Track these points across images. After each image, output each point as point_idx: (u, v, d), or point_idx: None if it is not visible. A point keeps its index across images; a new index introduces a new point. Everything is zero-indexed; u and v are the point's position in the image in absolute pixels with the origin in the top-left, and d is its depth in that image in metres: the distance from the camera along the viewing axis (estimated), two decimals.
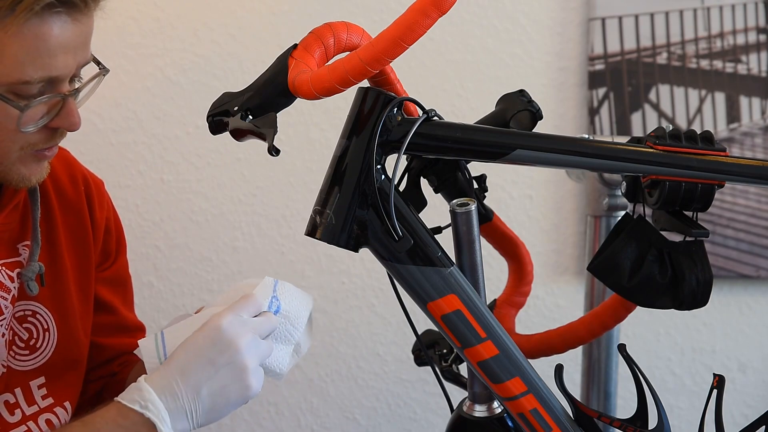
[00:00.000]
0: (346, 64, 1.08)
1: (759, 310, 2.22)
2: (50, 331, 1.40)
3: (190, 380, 1.21)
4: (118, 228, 1.53)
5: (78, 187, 1.46)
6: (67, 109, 1.26)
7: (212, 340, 1.21)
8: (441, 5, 1.03)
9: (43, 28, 1.20)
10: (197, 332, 1.23)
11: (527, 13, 2.12)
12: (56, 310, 1.40)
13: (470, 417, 1.35)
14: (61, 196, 1.44)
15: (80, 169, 1.48)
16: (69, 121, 1.27)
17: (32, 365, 1.38)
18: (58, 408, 1.41)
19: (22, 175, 1.29)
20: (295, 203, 2.12)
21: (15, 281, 1.35)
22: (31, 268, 1.35)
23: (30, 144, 1.27)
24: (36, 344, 1.38)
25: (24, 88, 1.22)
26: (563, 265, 2.17)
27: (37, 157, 1.29)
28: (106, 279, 1.51)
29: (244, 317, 1.24)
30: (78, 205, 1.45)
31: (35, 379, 1.38)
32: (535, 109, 1.29)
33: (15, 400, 1.36)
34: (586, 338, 1.43)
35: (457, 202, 1.26)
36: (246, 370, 1.22)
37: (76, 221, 1.45)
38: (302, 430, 2.18)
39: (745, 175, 1.33)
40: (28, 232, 1.38)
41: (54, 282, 1.40)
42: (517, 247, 1.51)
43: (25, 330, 1.38)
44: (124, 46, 2.06)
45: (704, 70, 2.13)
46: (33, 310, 1.39)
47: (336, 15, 2.07)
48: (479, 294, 1.27)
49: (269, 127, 1.16)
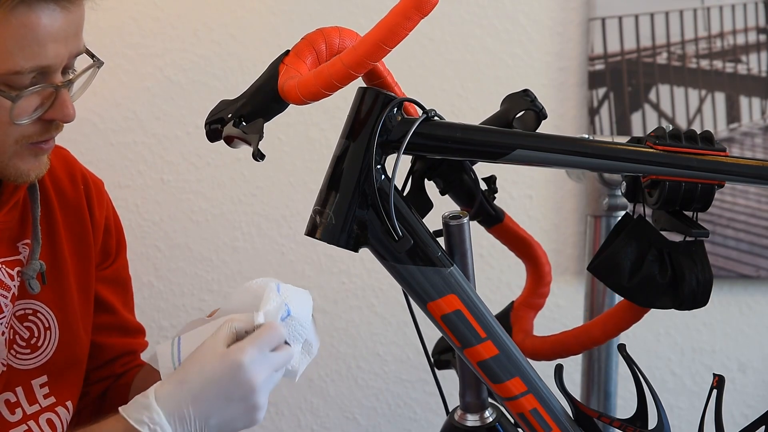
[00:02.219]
0: (330, 69, 1.09)
1: (759, 310, 2.22)
2: (51, 329, 1.40)
3: (202, 409, 1.20)
4: (118, 228, 1.53)
5: (77, 186, 1.46)
6: (60, 101, 1.25)
7: (231, 376, 1.20)
8: (422, 7, 1.03)
9: (30, 17, 1.19)
10: (217, 360, 1.21)
11: (527, 13, 2.12)
12: (57, 309, 1.40)
13: (461, 426, 1.35)
14: (61, 195, 1.43)
15: (80, 168, 1.48)
16: (63, 112, 1.26)
17: (34, 364, 1.38)
18: (60, 407, 1.40)
19: (19, 170, 1.28)
20: (295, 203, 2.12)
21: (15, 279, 1.35)
22: (32, 267, 1.34)
23: (25, 137, 1.26)
24: (37, 343, 1.38)
25: (16, 78, 1.21)
26: (563, 265, 2.17)
27: (34, 152, 1.28)
28: (106, 278, 1.50)
29: (267, 353, 1.23)
30: (77, 204, 1.45)
31: (37, 378, 1.38)
32: (539, 109, 1.28)
33: (16, 399, 1.36)
34: (600, 339, 1.42)
35: (450, 214, 1.26)
36: (257, 408, 1.22)
37: (75, 220, 1.44)
38: (302, 430, 2.18)
39: (745, 175, 1.33)
40: (27, 231, 1.37)
41: (55, 280, 1.40)
42: (532, 248, 1.51)
43: (26, 329, 1.38)
44: (124, 46, 2.06)
45: (704, 70, 2.13)
46: (34, 308, 1.38)
47: (336, 15, 2.07)
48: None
49: (255, 132, 1.16)
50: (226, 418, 1.21)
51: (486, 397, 1.36)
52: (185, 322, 2.11)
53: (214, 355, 1.21)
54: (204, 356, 1.22)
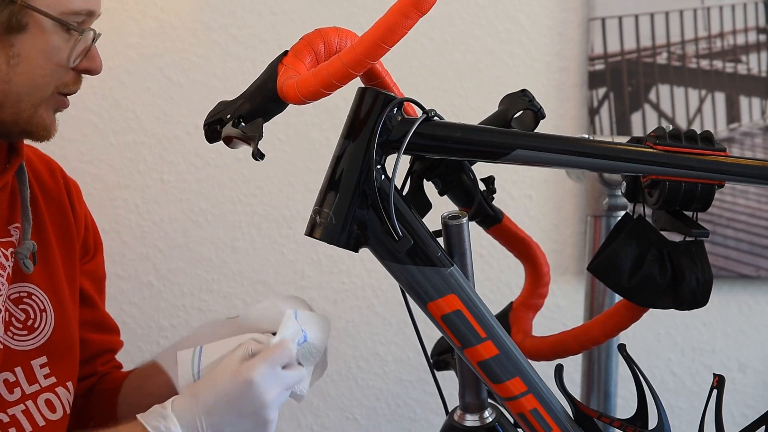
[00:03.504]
0: (329, 68, 1.09)
1: (759, 310, 2.22)
2: (47, 311, 1.43)
3: (214, 422, 1.27)
4: (95, 228, 1.58)
5: (57, 180, 1.51)
6: (94, 51, 1.36)
7: (242, 391, 1.28)
8: (420, 6, 1.03)
9: None
10: (230, 376, 1.28)
11: (527, 13, 2.12)
12: (50, 292, 1.44)
13: (461, 426, 1.35)
14: (42, 186, 1.48)
15: (58, 166, 1.54)
16: (96, 62, 1.37)
17: (32, 345, 1.41)
18: (60, 388, 1.43)
19: (45, 122, 1.36)
20: (295, 203, 2.12)
21: (9, 260, 1.38)
22: (26, 246, 1.39)
23: (63, 84, 1.35)
24: (34, 324, 1.41)
25: (72, 17, 1.32)
26: (563, 265, 2.17)
27: (57, 105, 1.37)
28: (88, 273, 1.54)
29: (278, 370, 1.29)
30: (59, 196, 1.50)
31: (37, 359, 1.41)
32: (537, 109, 1.28)
33: (15, 379, 1.38)
34: (600, 339, 1.42)
35: (450, 214, 1.26)
36: (267, 422, 1.29)
37: (58, 211, 1.49)
38: (302, 430, 2.18)
39: (745, 175, 1.33)
40: (17, 214, 1.41)
41: (45, 264, 1.44)
42: (531, 248, 1.50)
43: (22, 311, 1.40)
44: (124, 46, 2.06)
45: (704, 70, 2.13)
46: (28, 291, 1.41)
47: (336, 15, 2.08)
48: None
49: (254, 132, 1.17)
50: (238, 430, 1.28)
51: (485, 398, 1.36)
52: (185, 322, 2.13)
53: (227, 372, 1.29)
54: (218, 372, 1.30)
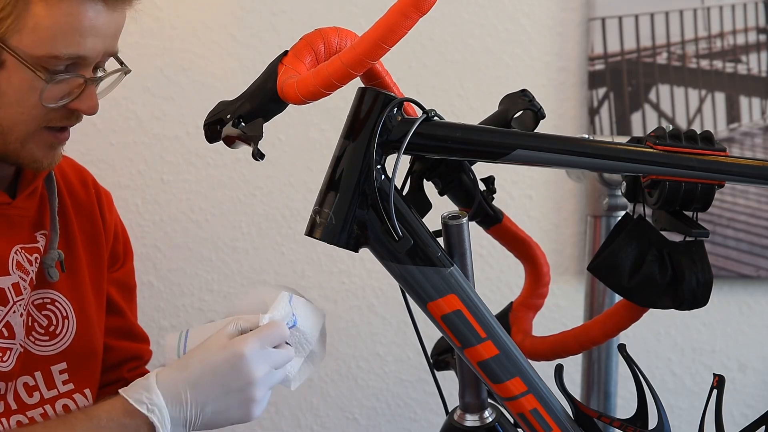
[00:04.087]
0: (329, 68, 1.09)
1: (759, 310, 2.22)
2: (69, 318, 1.43)
3: (199, 395, 1.25)
4: (126, 237, 1.58)
5: (89, 189, 1.51)
6: (88, 93, 1.33)
7: (231, 365, 1.25)
8: (420, 6, 1.03)
9: (79, 8, 1.28)
10: (218, 350, 1.26)
11: (527, 13, 2.12)
12: (74, 300, 1.44)
13: (461, 426, 1.35)
14: (73, 196, 1.48)
15: (91, 177, 1.54)
16: (88, 104, 1.33)
17: (53, 350, 1.41)
18: (78, 394, 1.43)
19: (34, 156, 1.34)
20: (295, 203, 2.12)
21: (33, 265, 1.38)
22: (51, 255, 1.39)
23: (48, 120, 1.32)
24: (56, 330, 1.41)
25: (52, 62, 1.28)
26: (563, 265, 2.17)
27: (50, 140, 1.34)
28: (116, 281, 1.54)
29: (267, 348, 1.27)
30: (89, 206, 1.50)
31: (57, 364, 1.41)
32: (537, 109, 1.28)
33: (34, 383, 1.39)
34: (600, 339, 1.42)
35: (449, 214, 1.26)
36: (253, 401, 1.27)
37: (87, 220, 1.49)
38: (302, 430, 2.18)
39: (745, 175, 1.33)
40: (45, 221, 1.42)
41: (71, 273, 1.44)
42: (531, 248, 1.50)
43: (45, 317, 1.41)
44: (124, 46, 2.05)
45: (704, 70, 2.13)
46: (52, 297, 1.42)
47: (336, 15, 2.07)
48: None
49: (254, 132, 1.17)
50: (222, 407, 1.26)
51: (485, 398, 1.36)
52: (185, 322, 2.13)
53: (217, 345, 1.26)
54: (207, 346, 1.27)
